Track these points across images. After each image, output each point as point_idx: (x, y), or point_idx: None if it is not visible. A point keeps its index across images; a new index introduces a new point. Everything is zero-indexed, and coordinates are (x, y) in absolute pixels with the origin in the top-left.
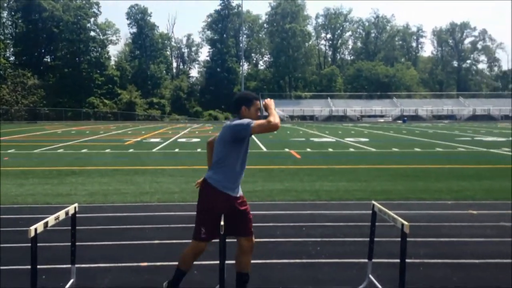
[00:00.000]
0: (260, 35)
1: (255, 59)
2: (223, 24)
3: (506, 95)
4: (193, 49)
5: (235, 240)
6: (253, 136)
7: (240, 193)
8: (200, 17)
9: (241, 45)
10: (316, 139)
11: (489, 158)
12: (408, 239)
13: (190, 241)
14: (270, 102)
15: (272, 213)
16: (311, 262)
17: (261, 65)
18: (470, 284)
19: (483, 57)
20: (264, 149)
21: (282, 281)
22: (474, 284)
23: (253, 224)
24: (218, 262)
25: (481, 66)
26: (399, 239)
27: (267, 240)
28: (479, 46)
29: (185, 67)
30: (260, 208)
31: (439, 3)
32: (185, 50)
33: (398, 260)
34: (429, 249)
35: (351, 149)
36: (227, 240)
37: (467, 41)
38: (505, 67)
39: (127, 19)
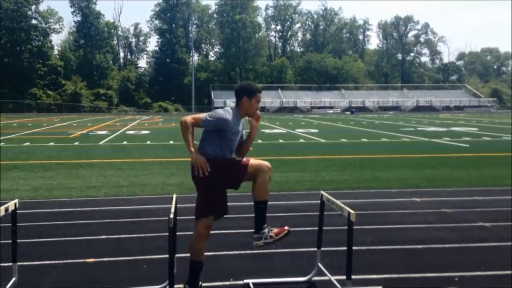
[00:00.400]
0: (210, 26)
1: (205, 50)
2: (172, 13)
3: (447, 87)
4: (141, 38)
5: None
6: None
7: None
8: (148, 6)
9: (190, 35)
10: (267, 131)
11: (431, 148)
12: (355, 227)
13: (142, 235)
14: (257, 123)
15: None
16: (261, 253)
17: (212, 56)
18: (414, 268)
19: (425, 50)
20: None
21: (231, 273)
22: (418, 268)
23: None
24: (167, 255)
25: (424, 58)
26: (347, 227)
27: (218, 232)
28: (421, 39)
29: (133, 57)
30: None
31: None
32: (133, 40)
33: (346, 248)
34: (375, 236)
35: (301, 140)
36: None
37: (410, 34)
38: (446, 59)
39: (71, 7)
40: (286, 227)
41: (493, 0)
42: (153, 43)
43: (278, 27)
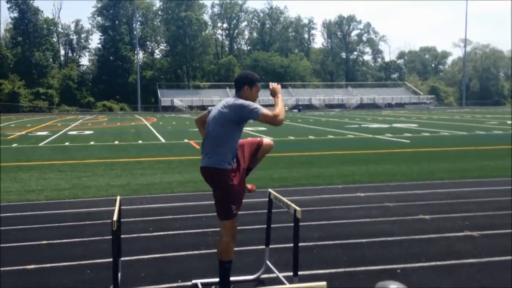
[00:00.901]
0: (155, 23)
1: (150, 47)
2: (115, 10)
3: (389, 84)
4: (83, 36)
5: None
6: (151, 128)
7: None
8: (89, 2)
9: (135, 32)
10: None
11: (375, 144)
12: (302, 223)
13: (85, 239)
14: (278, 88)
15: (171, 206)
16: (210, 253)
17: (157, 54)
18: (358, 262)
19: (368, 49)
20: (163, 140)
21: (180, 274)
22: (362, 262)
23: (145, 218)
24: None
25: (367, 57)
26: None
27: (165, 233)
28: (364, 38)
29: (75, 55)
30: (159, 201)
31: None
32: (74, 37)
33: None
34: (321, 231)
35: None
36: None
37: (353, 33)
38: (387, 58)
39: (7, 2)
40: None
41: (429, 0)
42: (95, 40)
43: (225, 25)
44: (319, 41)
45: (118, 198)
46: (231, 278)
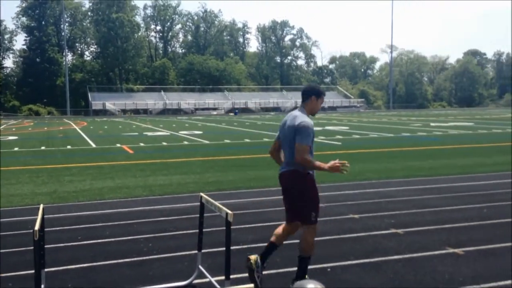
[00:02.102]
0: (85, 24)
1: (80, 49)
2: (41, 10)
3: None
4: (6, 36)
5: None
6: (81, 132)
7: None
8: (13, 2)
9: (63, 33)
10: (149, 133)
11: None
12: (236, 226)
13: (7, 250)
14: (335, 167)
15: (101, 213)
16: (141, 260)
17: (88, 56)
18: (291, 262)
19: (301, 54)
20: (93, 145)
21: (109, 283)
22: (294, 262)
23: (73, 227)
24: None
25: (300, 62)
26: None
27: (95, 242)
28: (297, 43)
29: None
30: (89, 208)
31: (261, 2)
32: None
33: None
34: (256, 234)
35: (185, 142)
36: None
37: (287, 38)
38: (319, 63)
39: None
40: None
41: (358, 8)
42: (20, 41)
43: (158, 28)
44: (253, 45)
45: (41, 206)
46: (163, 286)
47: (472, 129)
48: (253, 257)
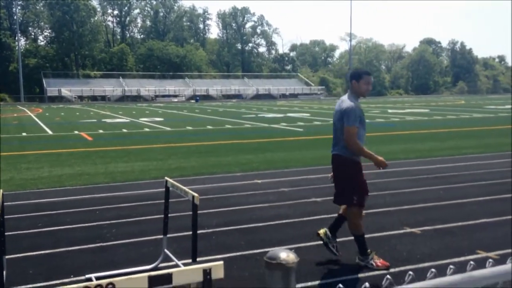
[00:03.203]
0: (38, 7)
1: (33, 33)
2: None
3: (283, 76)
4: None
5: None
6: (36, 119)
7: None
8: None
9: (15, 17)
10: (109, 120)
11: (271, 132)
12: (201, 211)
13: None
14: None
15: (61, 200)
16: (106, 246)
17: (42, 41)
18: (255, 245)
19: (262, 41)
20: (50, 132)
21: (72, 269)
22: (259, 245)
23: (33, 214)
24: None
25: (261, 49)
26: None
27: (56, 229)
28: (258, 30)
29: None
30: (48, 196)
31: None
32: None
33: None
34: (220, 218)
35: (146, 129)
36: None
37: (248, 25)
38: (280, 50)
39: None
40: (387, 264)
41: None
42: None
43: (116, 12)
44: (214, 31)
45: (1, 192)
46: (128, 270)
47: (427, 115)
48: (321, 231)
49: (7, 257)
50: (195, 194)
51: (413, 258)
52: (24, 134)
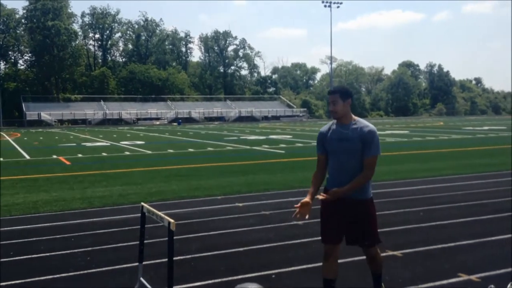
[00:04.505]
0: (18, 32)
1: (13, 57)
2: None
3: (265, 98)
4: None
5: None
6: (14, 144)
7: None
8: None
9: None
10: (88, 144)
11: (253, 155)
12: (180, 236)
13: None
14: (333, 194)
15: (36, 227)
16: (80, 274)
17: (21, 65)
18: (235, 271)
19: (244, 64)
20: (28, 157)
21: None
22: (239, 270)
23: (11, 242)
24: None
25: (243, 72)
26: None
27: (29, 257)
28: (240, 53)
29: None
30: (22, 223)
31: (203, 13)
32: None
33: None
34: (200, 243)
35: (127, 153)
36: None
37: (230, 49)
38: (262, 73)
39: None
40: None
41: (296, 21)
42: None
43: (97, 36)
44: (196, 54)
45: None
46: None
47: (407, 136)
48: None
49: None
50: (171, 220)
51: (395, 282)
52: (0, 159)
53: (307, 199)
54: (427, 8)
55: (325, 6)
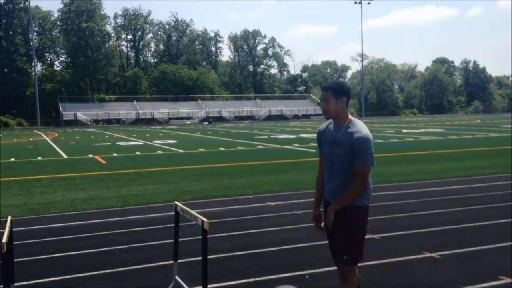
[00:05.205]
0: (54, 33)
1: (49, 59)
2: (8, 19)
3: (295, 97)
4: None
5: None
6: (51, 143)
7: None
8: None
9: (31, 43)
10: (123, 143)
11: (283, 154)
12: (213, 235)
13: None
14: (330, 218)
15: (74, 224)
16: (116, 272)
17: (57, 66)
18: (269, 270)
19: (274, 63)
20: (65, 156)
21: None
22: (273, 270)
23: (51, 239)
24: None
25: (273, 70)
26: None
27: (67, 254)
28: (269, 52)
29: None
30: (60, 220)
31: (233, 12)
32: None
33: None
34: (232, 242)
35: (159, 152)
36: None
37: (259, 47)
38: (292, 71)
39: None
40: None
41: (325, 19)
42: None
43: (129, 37)
44: (226, 54)
45: (9, 218)
46: None
47: (443, 135)
48: None
49: (16, 284)
50: (205, 219)
51: (433, 284)
52: (39, 158)
53: (314, 212)
54: (461, 3)
55: (355, 3)
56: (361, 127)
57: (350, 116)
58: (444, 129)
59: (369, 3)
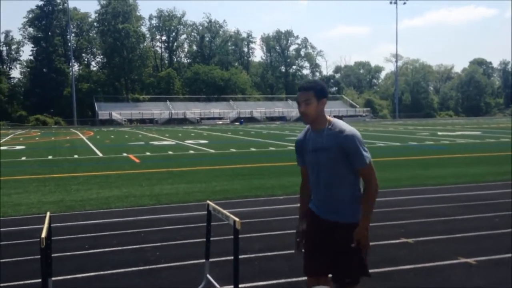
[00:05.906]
0: (91, 34)
1: (86, 59)
2: (48, 21)
3: (328, 97)
4: (13, 47)
5: None
6: (87, 142)
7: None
8: (20, 13)
9: (69, 44)
10: (156, 143)
11: None
12: (243, 235)
13: (15, 259)
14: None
15: (108, 221)
16: (149, 269)
17: (94, 66)
18: (299, 272)
19: (306, 63)
20: (100, 154)
21: None
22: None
23: (86, 235)
24: None
25: (305, 71)
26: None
27: (102, 251)
28: (302, 53)
29: (5, 67)
30: (95, 217)
31: (265, 13)
32: (3, 48)
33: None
34: (263, 243)
35: (191, 151)
36: None
37: (291, 48)
38: (324, 72)
39: None
40: None
41: (359, 20)
42: (27, 52)
43: (164, 38)
44: (258, 54)
45: (48, 214)
46: None
47: (480, 138)
48: None
49: (54, 278)
50: (237, 219)
51: None
52: (75, 156)
53: (299, 228)
54: (500, 3)
55: (390, 3)
56: (343, 125)
57: (328, 117)
58: (481, 132)
59: (404, 3)
